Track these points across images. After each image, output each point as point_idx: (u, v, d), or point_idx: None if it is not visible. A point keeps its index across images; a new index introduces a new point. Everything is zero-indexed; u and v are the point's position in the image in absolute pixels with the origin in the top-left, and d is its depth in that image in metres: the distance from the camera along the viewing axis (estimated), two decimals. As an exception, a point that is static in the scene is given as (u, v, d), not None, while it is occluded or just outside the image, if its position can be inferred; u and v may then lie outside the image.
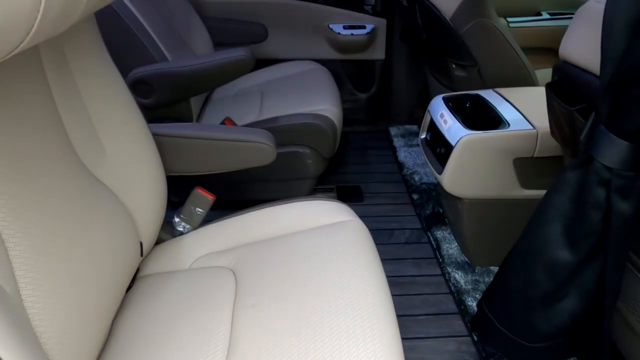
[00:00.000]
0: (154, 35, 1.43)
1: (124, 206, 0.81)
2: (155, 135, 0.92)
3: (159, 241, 1.01)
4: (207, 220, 1.04)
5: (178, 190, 1.71)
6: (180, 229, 1.03)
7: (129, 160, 0.83)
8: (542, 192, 1.25)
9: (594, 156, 0.63)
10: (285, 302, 0.77)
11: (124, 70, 1.38)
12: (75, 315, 0.63)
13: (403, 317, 1.29)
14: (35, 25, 0.43)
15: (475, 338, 1.21)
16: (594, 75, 0.69)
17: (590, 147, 0.64)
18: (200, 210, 1.04)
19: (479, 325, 0.97)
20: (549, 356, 0.79)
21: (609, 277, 0.66)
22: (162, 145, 0.96)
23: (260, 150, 1.06)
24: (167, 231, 1.04)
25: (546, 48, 2.05)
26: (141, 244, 0.87)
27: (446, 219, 1.64)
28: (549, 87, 0.82)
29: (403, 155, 2.08)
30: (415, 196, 1.80)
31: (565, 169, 0.69)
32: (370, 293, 0.78)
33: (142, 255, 0.88)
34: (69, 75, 0.74)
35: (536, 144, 1.21)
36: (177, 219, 1.04)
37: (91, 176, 0.75)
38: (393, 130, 2.30)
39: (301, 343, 0.70)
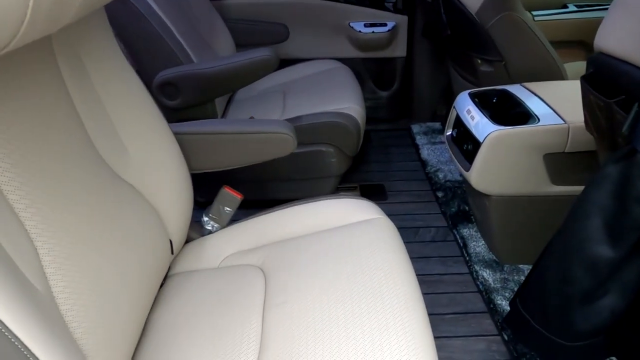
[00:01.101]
0: (179, 38, 1.45)
1: (150, 205, 0.83)
2: (176, 135, 0.94)
3: (188, 240, 1.03)
4: (234, 219, 1.05)
5: (204, 191, 1.74)
6: (209, 228, 1.05)
7: (152, 159, 0.84)
8: (574, 188, 1.22)
9: (638, 149, 0.61)
10: (315, 300, 0.77)
11: (151, 73, 1.42)
12: (108, 312, 0.64)
13: (431, 316, 1.26)
14: (26, 22, 0.43)
15: (506, 337, 1.19)
16: (635, 66, 0.67)
17: (633, 139, 0.62)
18: (228, 209, 1.05)
19: (512, 324, 0.95)
20: (588, 356, 0.77)
21: (652, 274, 0.64)
22: (184, 144, 0.97)
23: (282, 141, 1.07)
24: (196, 230, 1.06)
25: (573, 41, 1.99)
26: (171, 241, 0.89)
27: (472, 217, 1.61)
28: (585, 80, 0.80)
29: (426, 152, 2.06)
30: (439, 194, 1.78)
31: (606, 163, 0.67)
32: (401, 290, 0.78)
33: (172, 253, 0.90)
34: (86, 78, 0.75)
35: (567, 139, 1.18)
36: (205, 218, 1.06)
37: (115, 176, 0.76)
38: (415, 128, 2.28)
39: (333, 340, 0.69)
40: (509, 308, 1.06)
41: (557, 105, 1.24)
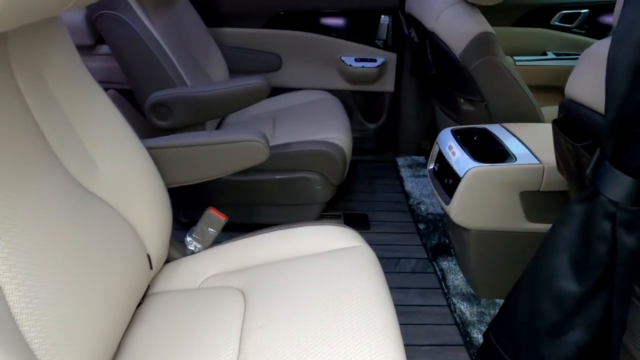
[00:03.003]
0: (174, 60, 1.49)
1: (124, 218, 0.83)
2: (149, 149, 0.94)
3: (170, 259, 1.03)
4: (217, 242, 1.06)
5: (189, 212, 1.75)
6: (192, 248, 1.05)
7: (123, 173, 0.85)
8: (548, 226, 1.26)
9: (600, 190, 0.65)
10: (293, 325, 0.78)
11: (144, 93, 1.45)
12: (78, 329, 0.63)
13: (408, 347, 1.27)
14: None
15: (481, 371, 1.20)
16: (599, 113, 0.73)
17: (596, 181, 0.66)
18: (212, 230, 1.06)
19: (485, 356, 0.97)
20: (556, 389, 0.79)
21: (615, 310, 0.67)
22: (158, 158, 0.98)
23: (254, 149, 1.08)
24: (179, 250, 1.06)
25: (551, 86, 2.10)
26: (149, 257, 0.89)
27: (452, 250, 1.64)
28: (556, 124, 0.85)
29: (410, 185, 2.10)
30: (421, 226, 1.82)
31: (572, 202, 0.71)
32: (378, 318, 0.79)
33: (151, 268, 0.90)
34: (48, 94, 0.75)
35: (542, 178, 1.23)
36: (189, 239, 1.06)
37: (85, 191, 0.76)
38: (400, 161, 2.34)
39: (311, 363, 0.70)
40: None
41: (533, 145, 1.30)
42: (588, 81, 0.77)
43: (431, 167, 1.50)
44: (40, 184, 0.66)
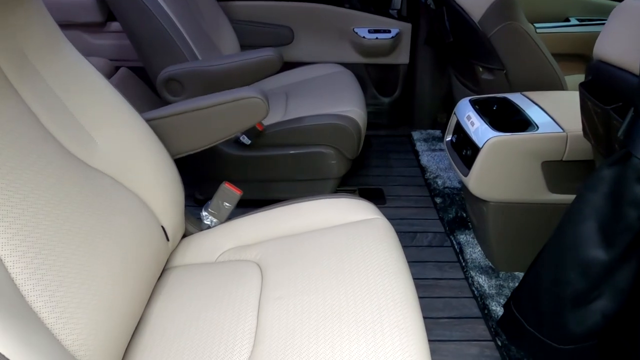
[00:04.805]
0: (185, 35, 1.46)
1: (132, 192, 0.83)
2: (149, 121, 0.94)
3: (187, 234, 1.03)
4: (231, 218, 1.06)
5: (204, 189, 1.75)
6: (208, 223, 1.05)
7: (123, 146, 0.85)
8: (570, 197, 1.23)
9: (633, 152, 0.62)
10: (310, 296, 0.78)
11: (156, 68, 1.43)
12: (96, 304, 0.64)
13: (425, 319, 1.26)
14: None
15: (499, 343, 1.19)
16: (632, 73, 0.69)
17: (629, 143, 0.63)
18: (227, 204, 1.06)
19: (506, 326, 0.96)
20: (580, 359, 0.77)
21: (645, 277, 0.65)
22: (160, 129, 0.97)
23: (254, 106, 1.07)
24: (195, 225, 1.06)
25: (574, 54, 2.02)
26: (164, 229, 0.89)
27: (470, 223, 1.62)
28: (583, 87, 0.81)
29: (426, 159, 2.07)
30: (438, 200, 1.79)
31: (601, 166, 0.68)
32: (397, 289, 0.78)
33: (167, 239, 0.90)
34: (35, 74, 0.75)
35: (565, 147, 1.19)
36: (204, 213, 1.06)
37: (86, 167, 0.76)
38: (416, 135, 2.29)
39: (327, 337, 0.70)
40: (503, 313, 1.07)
41: (556, 114, 1.25)
42: (620, 39, 0.73)
43: (448, 138, 1.46)
44: (39, 163, 0.66)
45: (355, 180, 1.95)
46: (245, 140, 1.54)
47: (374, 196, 1.85)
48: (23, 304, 0.56)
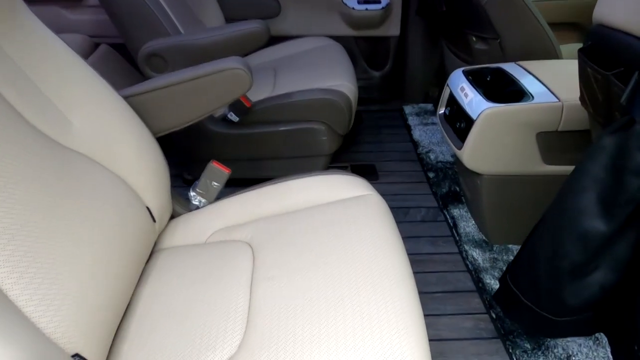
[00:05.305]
0: (167, 8, 1.40)
1: (112, 172, 0.80)
2: (127, 98, 0.90)
3: (175, 215, 1.01)
4: (220, 198, 1.03)
5: (192, 169, 1.72)
6: (196, 203, 1.03)
7: (100, 124, 0.81)
8: (565, 168, 1.22)
9: (636, 119, 0.60)
10: (303, 275, 0.76)
11: (137, 44, 1.37)
12: (88, 290, 0.62)
13: (420, 294, 1.26)
14: None
15: (494, 315, 1.20)
16: (634, 36, 0.66)
17: (632, 110, 0.61)
18: (216, 184, 1.03)
19: (502, 300, 0.95)
20: (576, 331, 0.77)
21: (644, 248, 0.63)
22: (139, 106, 0.94)
23: (236, 77, 1.02)
24: (183, 206, 1.03)
25: (569, 23, 1.97)
26: (149, 210, 0.86)
27: (463, 197, 1.61)
28: (582, 52, 0.78)
29: (418, 133, 2.04)
30: (431, 175, 1.77)
31: (602, 135, 0.66)
32: (391, 265, 0.77)
33: (154, 221, 0.87)
34: (6, 59, 0.71)
35: (561, 117, 1.17)
36: (192, 193, 1.03)
37: (61, 147, 0.73)
38: (407, 109, 2.26)
39: (322, 315, 0.68)
40: (497, 286, 1.07)
41: (551, 83, 1.23)
42: (622, 1, 0.69)
43: (441, 111, 1.43)
44: (6, 145, 0.62)
45: (347, 157, 1.92)
46: (233, 117, 1.50)
47: (367, 172, 1.82)
48: (5, 300, 0.53)
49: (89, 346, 0.62)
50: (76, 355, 0.59)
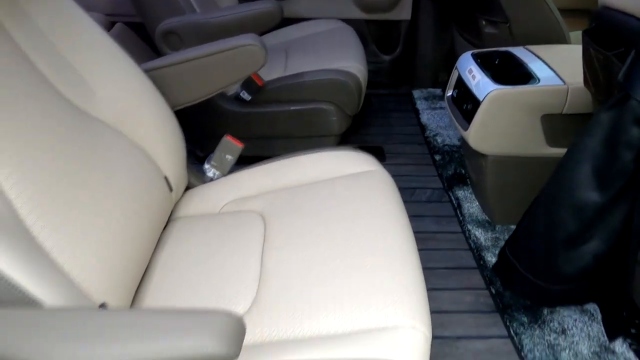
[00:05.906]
0: (182, -13, 1.43)
1: (132, 142, 0.85)
2: (147, 72, 0.94)
3: (190, 186, 1.05)
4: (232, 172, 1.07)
5: (204, 146, 1.76)
6: (210, 175, 1.07)
7: (122, 96, 0.86)
8: (569, 151, 1.24)
9: (631, 94, 0.63)
10: (313, 244, 0.80)
11: (154, 22, 1.40)
12: (109, 245, 0.67)
13: (423, 270, 1.32)
14: None
15: (493, 291, 1.24)
16: (634, 17, 0.68)
17: (628, 86, 0.63)
18: (229, 157, 1.07)
19: (500, 271, 0.99)
20: (570, 299, 0.81)
21: (635, 220, 0.67)
22: (158, 80, 0.98)
23: (252, 53, 1.07)
24: (198, 178, 1.08)
25: (579, 9, 1.96)
26: (167, 179, 0.90)
27: (468, 180, 1.64)
28: (586, 34, 0.81)
29: (426, 117, 2.06)
30: (437, 157, 1.80)
31: (599, 110, 0.69)
32: (396, 236, 0.80)
33: (171, 190, 0.92)
34: (37, 32, 0.76)
35: (566, 100, 1.19)
36: (207, 166, 1.07)
37: (87, 116, 0.78)
38: (416, 93, 2.27)
39: (330, 278, 0.72)
40: (498, 261, 1.10)
41: (558, 67, 1.24)
42: (625, -17, 0.71)
43: (449, 93, 1.45)
44: (38, 111, 0.67)
45: (356, 139, 1.95)
46: (246, 96, 1.53)
47: (374, 154, 1.83)
48: (34, 244, 0.58)
49: (114, 299, 0.67)
50: (103, 304, 0.65)
